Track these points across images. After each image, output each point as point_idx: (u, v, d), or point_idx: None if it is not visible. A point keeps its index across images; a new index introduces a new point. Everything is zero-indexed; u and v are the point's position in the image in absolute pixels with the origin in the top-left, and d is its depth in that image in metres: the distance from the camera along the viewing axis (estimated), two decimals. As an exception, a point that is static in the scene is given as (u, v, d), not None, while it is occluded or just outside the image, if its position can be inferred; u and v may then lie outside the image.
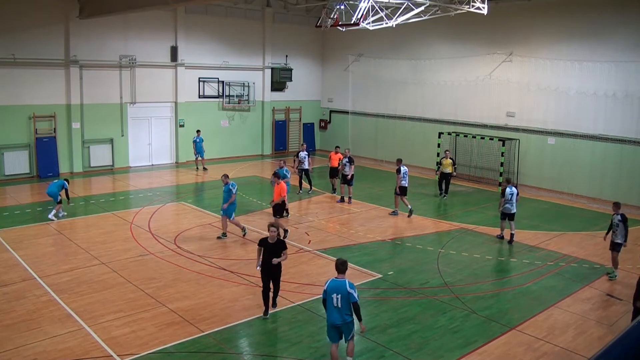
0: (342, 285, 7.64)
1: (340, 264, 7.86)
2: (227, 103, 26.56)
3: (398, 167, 16.99)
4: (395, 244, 14.32)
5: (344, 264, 7.87)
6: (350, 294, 7.59)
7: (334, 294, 7.64)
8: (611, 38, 18.94)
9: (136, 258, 12.60)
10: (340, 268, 7.83)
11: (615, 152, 19.07)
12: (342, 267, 7.84)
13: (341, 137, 29.00)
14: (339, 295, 7.62)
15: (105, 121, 22.88)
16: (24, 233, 14.24)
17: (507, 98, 22.07)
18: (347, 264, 7.94)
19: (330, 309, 7.73)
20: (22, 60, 20.45)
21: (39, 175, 21.14)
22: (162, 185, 20.80)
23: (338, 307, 7.65)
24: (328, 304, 7.74)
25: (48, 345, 8.51)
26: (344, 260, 7.94)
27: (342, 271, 7.83)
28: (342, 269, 7.83)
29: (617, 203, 12.39)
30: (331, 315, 7.76)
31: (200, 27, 25.16)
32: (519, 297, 11.06)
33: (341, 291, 7.61)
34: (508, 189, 14.31)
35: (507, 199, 14.26)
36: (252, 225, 15.51)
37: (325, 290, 7.72)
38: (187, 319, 9.58)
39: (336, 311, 7.68)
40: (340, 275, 7.80)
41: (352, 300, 7.59)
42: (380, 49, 26.52)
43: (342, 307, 7.64)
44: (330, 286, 7.70)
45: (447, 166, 19.71)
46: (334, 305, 7.67)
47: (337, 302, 7.64)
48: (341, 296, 7.61)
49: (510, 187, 14.37)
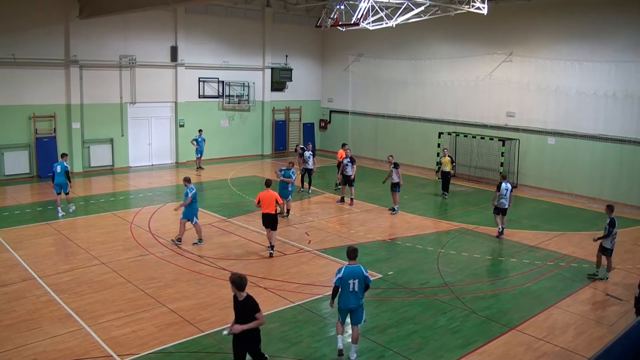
0: (359, 270, 8.17)
1: (352, 251, 8.33)
2: (227, 103, 26.57)
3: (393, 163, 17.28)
4: (395, 244, 14.32)
5: (354, 251, 8.36)
6: (366, 277, 8.21)
7: (350, 279, 8.10)
8: (611, 38, 18.94)
9: (136, 258, 12.60)
10: (351, 255, 8.31)
11: (615, 152, 19.07)
12: (352, 254, 8.31)
13: (341, 137, 28.97)
14: (355, 280, 8.11)
15: (105, 121, 22.89)
16: (24, 233, 14.24)
17: (507, 98, 22.07)
18: (357, 251, 8.42)
19: (346, 295, 8.15)
20: (22, 60, 20.45)
21: (39, 175, 21.14)
22: (162, 185, 20.80)
23: (355, 291, 8.14)
24: (343, 290, 8.15)
25: (48, 345, 8.51)
26: (355, 248, 8.43)
27: (354, 258, 8.29)
28: (353, 255, 8.30)
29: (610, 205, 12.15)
30: (347, 300, 8.18)
31: (200, 27, 25.16)
32: (519, 297, 11.06)
33: (358, 276, 8.14)
34: (503, 184, 14.74)
35: (502, 193, 14.68)
36: (252, 225, 15.51)
37: (341, 278, 8.10)
38: (187, 319, 9.58)
39: (352, 296, 8.16)
40: (352, 262, 8.26)
41: (368, 282, 8.23)
42: (380, 49, 26.52)
43: (358, 291, 8.16)
44: (346, 272, 8.11)
45: (446, 164, 19.77)
46: (349, 291, 8.12)
47: (353, 287, 8.12)
48: (358, 280, 8.13)
49: (505, 183, 14.78)
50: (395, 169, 17.05)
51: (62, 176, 15.76)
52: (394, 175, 17.04)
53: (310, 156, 19.52)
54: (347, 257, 8.34)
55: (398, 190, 17.15)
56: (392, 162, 17.30)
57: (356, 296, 8.17)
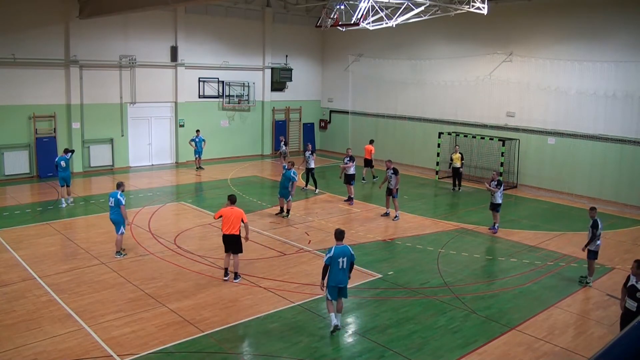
0: (347, 250, 9.08)
1: (339, 233, 9.20)
2: (227, 103, 26.57)
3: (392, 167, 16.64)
4: (395, 244, 14.31)
5: (342, 232, 9.23)
6: (352, 254, 9.09)
7: (340, 258, 8.94)
8: (611, 38, 18.94)
9: (136, 258, 12.60)
10: (339, 236, 9.17)
11: (615, 152, 19.06)
12: (340, 235, 9.19)
13: (341, 137, 29.03)
14: (344, 258, 8.97)
15: (105, 121, 22.89)
16: (24, 233, 14.24)
17: (507, 98, 22.07)
18: (344, 233, 9.30)
19: (336, 272, 8.96)
20: (22, 60, 20.45)
21: (39, 175, 21.14)
22: (162, 185, 20.80)
23: (343, 268, 9.00)
24: (333, 269, 8.94)
25: (48, 345, 8.51)
26: (342, 230, 9.28)
27: (341, 239, 9.18)
28: (341, 236, 9.19)
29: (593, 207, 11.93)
30: (336, 277, 8.98)
31: (200, 27, 25.17)
32: (519, 297, 11.06)
33: (346, 254, 9.01)
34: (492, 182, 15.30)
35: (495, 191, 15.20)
36: (252, 225, 15.50)
37: (331, 257, 8.89)
38: (187, 319, 9.57)
39: (341, 273, 9.01)
40: (340, 242, 9.14)
41: (353, 260, 9.13)
42: (380, 49, 26.52)
43: (346, 268, 9.02)
44: (336, 252, 8.95)
45: (457, 160, 20.74)
46: (339, 268, 8.96)
47: (342, 265, 8.97)
48: (346, 259, 8.99)
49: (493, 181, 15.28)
50: (394, 175, 16.38)
51: (67, 170, 16.96)
52: (393, 182, 16.41)
53: (309, 156, 19.53)
54: (335, 238, 9.15)
55: (396, 196, 16.58)
56: (391, 168, 16.57)
57: (344, 273, 9.02)
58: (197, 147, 23.58)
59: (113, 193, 12.58)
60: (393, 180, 16.42)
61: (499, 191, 15.06)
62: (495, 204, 15.22)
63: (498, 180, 15.29)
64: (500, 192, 15.07)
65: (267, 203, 18.16)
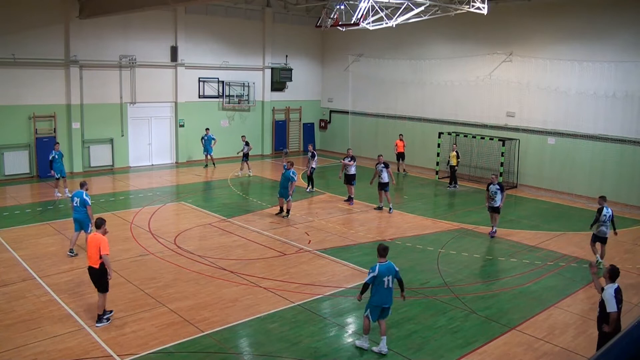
0: (392, 267, 8.49)
1: (383, 249, 8.56)
2: (227, 103, 26.57)
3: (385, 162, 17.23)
4: (395, 244, 14.31)
5: (386, 249, 8.59)
6: (397, 271, 8.53)
7: (385, 277, 8.35)
8: (611, 38, 18.94)
9: (136, 258, 12.60)
10: (382, 252, 8.54)
11: (615, 152, 19.06)
12: (384, 252, 8.55)
13: (341, 137, 29.03)
14: (390, 276, 8.40)
15: (105, 121, 22.89)
16: (24, 233, 14.24)
17: (507, 98, 22.07)
18: (388, 249, 8.64)
19: (381, 292, 8.39)
20: (22, 60, 20.45)
21: (39, 175, 21.15)
22: (162, 185, 20.80)
23: (389, 287, 8.42)
24: (377, 288, 8.37)
25: (48, 345, 8.51)
26: (386, 246, 8.64)
27: (384, 255, 8.54)
28: (385, 253, 8.55)
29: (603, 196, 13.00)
30: (382, 297, 8.42)
31: (200, 27, 25.17)
32: (519, 297, 11.06)
33: (391, 272, 8.44)
34: (492, 186, 15.05)
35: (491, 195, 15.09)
36: (252, 225, 15.52)
37: (375, 276, 8.31)
38: (187, 319, 9.57)
39: (387, 292, 8.43)
40: (383, 259, 8.50)
41: (399, 277, 8.60)
42: (380, 49, 26.53)
43: (391, 287, 8.45)
44: (381, 270, 8.35)
45: (452, 158, 21.15)
46: (384, 287, 8.37)
47: (388, 284, 8.38)
48: (391, 277, 8.42)
49: (494, 184, 15.03)
50: (385, 168, 17.03)
51: (61, 162, 18.10)
52: (384, 175, 17.02)
53: (311, 158, 19.58)
54: (379, 254, 8.54)
55: (387, 190, 17.19)
56: (382, 162, 17.23)
57: (390, 293, 8.44)
58: (205, 145, 23.74)
59: (78, 193, 12.37)
60: (385, 174, 16.92)
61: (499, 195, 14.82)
62: (496, 207, 14.97)
63: (499, 184, 15.06)
64: (500, 196, 14.82)
65: (267, 203, 18.16)
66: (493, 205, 15.01)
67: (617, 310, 7.54)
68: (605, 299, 7.60)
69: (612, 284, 7.72)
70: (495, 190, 14.89)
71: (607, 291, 7.63)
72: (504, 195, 14.99)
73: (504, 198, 15.08)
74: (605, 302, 7.60)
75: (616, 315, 7.51)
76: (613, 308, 7.51)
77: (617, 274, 7.84)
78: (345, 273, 12.01)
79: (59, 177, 18.12)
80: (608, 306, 7.55)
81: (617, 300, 7.58)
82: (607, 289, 7.68)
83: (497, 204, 14.91)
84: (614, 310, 7.51)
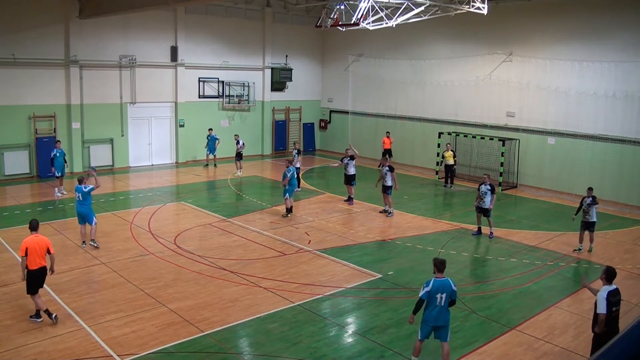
0: (447, 284, 7.84)
1: (440, 263, 7.97)
2: (227, 103, 26.57)
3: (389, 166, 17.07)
4: (395, 244, 14.31)
5: (443, 263, 8.00)
6: (454, 291, 7.88)
7: (438, 293, 7.77)
8: (611, 38, 18.94)
9: (136, 258, 12.60)
10: (440, 267, 7.95)
11: (615, 152, 19.06)
12: (441, 266, 7.95)
13: (341, 137, 29.01)
14: (443, 294, 7.79)
15: (105, 121, 22.89)
16: (24, 233, 14.11)
17: (507, 98, 22.07)
18: (446, 263, 8.06)
19: (433, 309, 7.83)
20: (22, 60, 20.45)
21: (39, 175, 21.15)
22: (162, 185, 20.80)
23: (441, 305, 7.81)
24: (430, 304, 7.83)
25: (48, 345, 8.51)
26: (443, 260, 8.06)
27: (442, 270, 7.95)
28: (442, 267, 7.96)
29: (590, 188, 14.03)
30: (431, 314, 7.87)
31: (200, 27, 25.16)
32: (519, 297, 11.06)
33: (446, 289, 7.81)
34: (483, 186, 14.85)
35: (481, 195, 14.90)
36: (252, 225, 15.52)
37: (429, 291, 7.76)
38: (187, 319, 9.57)
39: (438, 310, 7.83)
40: (440, 275, 7.92)
41: (454, 297, 7.91)
42: (380, 49, 26.52)
43: (444, 305, 7.83)
44: (434, 286, 7.78)
45: (449, 158, 21.13)
46: (436, 304, 7.79)
47: (441, 301, 7.79)
48: (446, 295, 7.80)
49: (485, 185, 14.81)
50: (390, 172, 16.78)
51: (62, 161, 18.31)
52: (388, 179, 16.78)
53: (295, 155, 19.45)
54: (436, 269, 7.95)
55: (390, 193, 16.96)
56: (387, 165, 16.99)
57: (443, 311, 7.85)
58: (209, 145, 23.89)
59: (78, 188, 13.06)
60: (389, 177, 16.76)
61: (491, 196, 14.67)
62: (485, 209, 14.74)
63: (490, 185, 14.84)
64: (489, 197, 14.65)
65: (267, 203, 18.17)
66: (481, 206, 14.77)
67: (605, 313, 7.50)
68: (597, 300, 7.61)
69: (608, 286, 7.72)
70: (486, 191, 14.69)
71: (600, 293, 7.65)
72: (494, 197, 14.74)
73: (494, 200, 14.79)
74: (597, 303, 7.61)
75: (604, 317, 7.48)
76: (602, 310, 7.50)
77: (614, 276, 7.83)
78: (345, 273, 12.01)
79: (60, 175, 18.17)
80: (598, 307, 7.57)
81: (610, 302, 7.56)
82: (601, 291, 7.68)
83: (486, 205, 14.66)
84: (603, 312, 7.49)
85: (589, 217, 13.59)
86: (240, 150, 22.88)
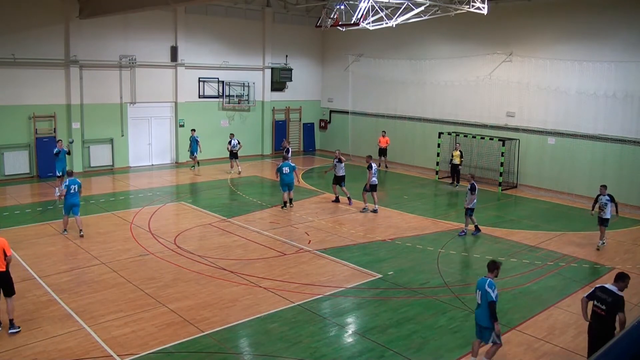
0: (483, 283, 7.92)
1: (490, 263, 8.15)
2: (227, 103, 26.57)
3: (369, 163, 17.20)
4: (395, 244, 14.31)
5: (493, 263, 8.13)
6: (487, 292, 7.81)
7: (477, 290, 8.02)
8: (611, 38, 18.94)
9: (136, 258, 12.60)
10: (489, 267, 8.13)
11: (615, 152, 19.06)
12: (490, 266, 8.12)
13: (341, 137, 29.01)
14: (480, 292, 7.95)
15: (105, 121, 22.88)
16: (24, 233, 14.24)
17: (507, 98, 22.07)
18: (496, 264, 8.10)
19: (477, 307, 8.09)
20: (22, 60, 20.45)
21: (39, 175, 21.14)
22: (162, 185, 20.80)
23: (479, 303, 7.99)
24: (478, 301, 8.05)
25: (48, 345, 8.51)
26: (493, 261, 8.19)
27: (490, 270, 8.09)
28: (490, 267, 8.11)
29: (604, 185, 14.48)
30: (476, 314, 8.11)
31: (200, 27, 25.16)
32: (519, 297, 11.07)
33: (481, 288, 7.92)
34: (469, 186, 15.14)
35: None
36: (252, 225, 15.52)
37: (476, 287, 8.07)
38: (187, 319, 9.57)
39: (478, 308, 8.03)
40: (488, 274, 8.06)
41: (488, 299, 7.82)
42: (380, 49, 26.52)
43: (482, 305, 7.92)
44: (478, 282, 8.07)
45: (456, 157, 21.44)
46: (477, 302, 8.03)
47: (479, 299, 7.99)
48: (481, 293, 7.92)
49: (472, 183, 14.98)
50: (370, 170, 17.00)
51: (64, 160, 18.20)
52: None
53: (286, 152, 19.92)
54: (487, 269, 8.18)
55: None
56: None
57: (480, 310, 7.94)
58: (192, 146, 23.45)
59: (74, 180, 13.90)
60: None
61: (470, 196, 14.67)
62: (468, 209, 14.83)
63: (471, 184, 14.84)
64: (470, 197, 14.66)
65: (267, 203, 18.17)
66: (466, 207, 15.00)
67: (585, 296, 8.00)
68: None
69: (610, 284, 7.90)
70: (466, 191, 14.91)
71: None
72: (472, 197, 14.70)
73: (472, 200, 14.70)
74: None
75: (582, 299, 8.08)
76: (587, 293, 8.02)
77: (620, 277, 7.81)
78: (345, 273, 12.01)
79: (61, 174, 18.03)
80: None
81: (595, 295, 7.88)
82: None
83: (465, 204, 14.92)
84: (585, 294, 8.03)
85: (603, 213, 14.08)
86: (235, 149, 22.84)
